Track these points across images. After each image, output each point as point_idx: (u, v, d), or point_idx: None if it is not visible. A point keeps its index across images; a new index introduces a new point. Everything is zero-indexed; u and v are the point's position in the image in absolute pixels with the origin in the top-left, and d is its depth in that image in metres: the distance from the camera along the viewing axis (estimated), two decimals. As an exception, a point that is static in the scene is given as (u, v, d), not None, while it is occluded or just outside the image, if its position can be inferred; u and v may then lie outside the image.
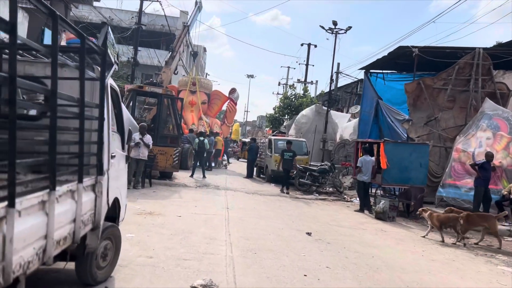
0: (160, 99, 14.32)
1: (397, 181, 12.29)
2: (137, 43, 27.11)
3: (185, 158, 19.45)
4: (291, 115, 28.59)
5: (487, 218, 8.63)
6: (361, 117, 19.28)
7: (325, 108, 23.16)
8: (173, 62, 20.23)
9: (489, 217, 8.68)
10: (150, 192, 11.57)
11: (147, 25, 41.98)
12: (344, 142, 22.37)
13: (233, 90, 25.23)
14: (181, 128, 14.97)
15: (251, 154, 19.51)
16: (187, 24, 22.64)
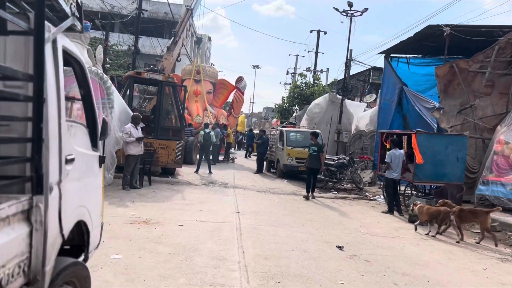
0: (160, 87, 12.80)
1: (431, 178, 10.74)
2: (138, 29, 25.48)
3: (190, 152, 18.00)
4: (302, 105, 26.97)
5: (479, 213, 7.95)
6: (380, 105, 17.66)
7: (339, 96, 21.53)
8: (176, 48, 18.66)
9: (480, 212, 7.99)
10: (149, 192, 10.11)
11: (150, 12, 40.46)
12: (360, 133, 20.78)
13: (240, 79, 23.63)
14: (184, 119, 13.47)
15: (261, 148, 17.99)
16: (191, 7, 21.03)
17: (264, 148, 17.95)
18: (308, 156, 12.35)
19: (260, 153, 18.15)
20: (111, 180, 10.81)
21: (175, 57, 18.76)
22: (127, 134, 10.34)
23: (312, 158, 12.06)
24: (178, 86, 13.45)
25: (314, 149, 12.06)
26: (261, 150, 17.98)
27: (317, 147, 12.06)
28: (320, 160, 12.03)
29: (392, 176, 10.38)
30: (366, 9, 20.80)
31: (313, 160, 12.03)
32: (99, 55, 18.44)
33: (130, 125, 10.49)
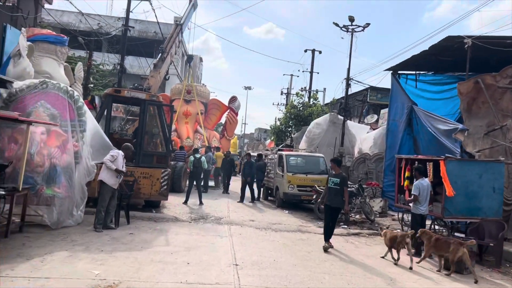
0: (143, 107, 11.07)
1: (464, 213, 9.04)
2: (125, 46, 23.94)
3: (179, 179, 16.21)
4: (299, 126, 25.37)
5: (452, 244, 7.34)
6: (389, 127, 16.09)
7: (340, 117, 19.97)
8: (163, 65, 17.05)
9: (454, 243, 7.35)
10: (126, 235, 8.24)
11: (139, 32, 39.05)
12: (364, 157, 19.15)
13: (233, 99, 22.03)
14: (170, 144, 11.71)
15: (257, 174, 16.22)
16: (180, 23, 19.53)
17: (261, 173, 16.17)
18: (326, 189, 9.04)
19: (257, 180, 16.36)
20: (81, 218, 8.96)
21: (162, 75, 17.12)
22: (112, 157, 8.70)
23: (332, 193, 8.76)
24: (164, 105, 11.74)
25: (336, 181, 8.76)
26: (258, 176, 16.19)
27: (340, 179, 8.79)
28: (344, 197, 8.83)
29: (420, 211, 8.64)
30: (368, 24, 19.47)
31: (334, 196, 8.75)
32: (78, 73, 16.73)
33: (121, 152, 8.98)
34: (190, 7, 21.09)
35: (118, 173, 8.73)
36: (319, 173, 14.87)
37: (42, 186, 8.43)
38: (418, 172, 8.97)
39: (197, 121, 21.53)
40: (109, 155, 8.80)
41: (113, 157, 8.72)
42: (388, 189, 15.85)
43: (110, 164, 8.60)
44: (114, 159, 8.72)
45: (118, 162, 8.79)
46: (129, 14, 23.95)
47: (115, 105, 25.00)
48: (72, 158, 8.92)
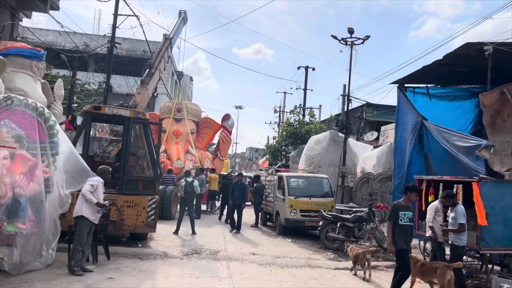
0: (127, 126, 9.70)
1: (504, 244, 7.74)
2: (111, 63, 22.69)
3: (168, 205, 14.75)
4: (296, 144, 24.12)
5: (438, 268, 6.86)
6: (396, 144, 14.89)
7: (341, 135, 18.77)
8: (151, 81, 15.77)
9: (440, 267, 6.87)
10: (104, 280, 6.77)
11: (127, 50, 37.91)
12: (368, 177, 17.91)
13: (226, 117, 20.73)
14: (159, 167, 10.32)
15: (255, 197, 14.83)
16: (169, 37, 18.36)
17: (259, 197, 14.76)
18: (394, 228, 6.66)
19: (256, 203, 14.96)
20: (52, 258, 7.49)
21: (150, 92, 15.81)
22: (92, 187, 7.31)
23: (409, 231, 6.70)
24: (151, 124, 10.38)
25: (410, 216, 6.69)
26: (256, 199, 14.79)
27: (413, 213, 6.98)
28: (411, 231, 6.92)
29: (463, 243, 7.30)
30: (368, 36, 18.49)
31: (410, 235, 6.79)
32: (58, 91, 15.33)
33: (100, 178, 7.61)
34: (179, 20, 19.99)
35: (99, 207, 7.33)
36: (324, 196, 13.55)
37: (2, 222, 6.98)
38: (450, 198, 7.65)
39: (188, 141, 20.16)
40: (88, 184, 7.37)
41: (93, 187, 7.33)
42: (398, 212, 14.56)
43: (90, 197, 7.18)
44: (94, 189, 7.33)
45: (98, 192, 7.41)
46: (115, 30, 22.83)
47: (100, 125, 23.71)
48: (42, 186, 7.50)
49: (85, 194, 7.21)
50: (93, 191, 7.28)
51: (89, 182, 7.43)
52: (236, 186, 13.63)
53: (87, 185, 7.33)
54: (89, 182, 7.43)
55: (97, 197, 7.34)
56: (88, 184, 7.37)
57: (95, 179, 7.51)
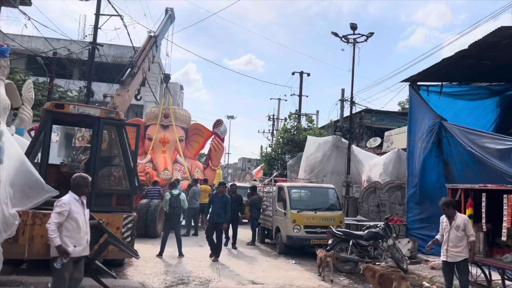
0: (97, 128, 7.91)
1: None
2: (92, 67, 20.93)
3: (152, 221, 12.97)
4: (294, 152, 22.40)
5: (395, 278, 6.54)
6: (409, 149, 13.25)
7: (345, 141, 17.12)
8: (133, 82, 14.02)
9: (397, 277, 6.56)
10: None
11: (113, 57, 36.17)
12: (374, 186, 16.23)
13: (218, 123, 18.99)
14: (137, 178, 8.53)
15: (251, 211, 13.07)
16: (155, 35, 16.68)
17: (256, 210, 13.01)
18: None
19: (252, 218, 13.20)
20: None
21: (132, 93, 14.06)
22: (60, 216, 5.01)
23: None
24: (127, 125, 8.61)
25: None
26: (253, 213, 13.04)
27: None
28: None
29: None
30: (372, 33, 16.97)
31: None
32: (27, 93, 13.57)
33: (73, 195, 5.25)
34: (166, 18, 18.32)
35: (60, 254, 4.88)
36: (331, 209, 11.86)
37: None
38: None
39: (176, 149, 18.40)
40: (53, 213, 5.03)
41: (61, 215, 5.00)
42: (414, 225, 12.88)
43: (52, 236, 4.91)
44: (64, 217, 5.01)
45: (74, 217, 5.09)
46: (97, 30, 21.09)
47: (81, 133, 21.85)
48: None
49: (48, 230, 4.95)
50: (62, 220, 4.98)
51: (55, 209, 5.07)
52: (216, 199, 10.51)
53: (52, 215, 5.03)
54: (56, 209, 5.06)
55: (73, 226, 5.09)
56: (54, 213, 5.02)
57: (63, 201, 5.09)
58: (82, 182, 5.33)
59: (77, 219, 5.11)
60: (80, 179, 5.35)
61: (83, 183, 5.34)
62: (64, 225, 5.03)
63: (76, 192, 5.25)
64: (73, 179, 5.36)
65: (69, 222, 5.06)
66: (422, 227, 12.50)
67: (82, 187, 5.32)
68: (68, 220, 5.05)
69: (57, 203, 5.09)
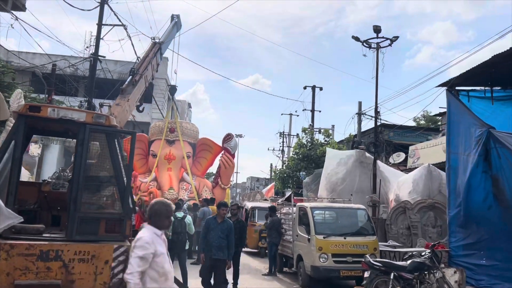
0: (82, 135, 6.35)
1: None
2: (93, 80, 19.64)
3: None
4: (310, 169, 20.70)
5: None
6: (450, 163, 11.51)
7: (369, 155, 15.43)
8: (135, 91, 12.52)
9: None
10: None
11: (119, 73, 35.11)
12: (404, 206, 14.43)
13: (228, 137, 17.46)
14: (130, 196, 6.88)
15: (271, 235, 11.36)
16: (159, 41, 15.32)
17: (276, 234, 11.31)
18: None
19: (271, 243, 11.47)
20: None
21: (133, 104, 12.54)
22: (143, 262, 3.62)
23: None
24: (119, 132, 7.03)
25: None
26: (272, 238, 11.33)
27: None
28: None
29: None
30: (397, 37, 15.46)
31: None
32: (15, 103, 12.15)
33: (150, 232, 3.72)
34: (172, 25, 17.02)
35: None
36: (362, 234, 10.14)
37: None
38: None
39: (183, 166, 16.84)
40: (135, 257, 3.54)
41: (144, 260, 3.52)
42: (458, 252, 11.04)
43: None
44: (148, 263, 3.52)
45: (160, 261, 3.62)
46: (99, 41, 19.89)
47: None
48: None
49: (128, 284, 3.47)
50: (146, 268, 3.53)
51: (136, 250, 3.54)
52: (214, 225, 7.70)
53: (132, 261, 3.56)
54: (136, 251, 3.53)
55: (159, 275, 3.58)
56: (134, 258, 3.53)
57: (145, 240, 3.55)
58: (164, 211, 3.84)
59: (163, 264, 3.63)
60: (162, 206, 3.87)
61: (165, 212, 3.84)
62: (147, 274, 3.53)
63: (157, 226, 3.74)
64: (152, 207, 3.91)
65: (154, 269, 3.58)
66: (469, 255, 10.66)
67: (164, 218, 3.83)
68: (154, 267, 3.57)
69: (138, 243, 3.54)
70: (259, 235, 14.92)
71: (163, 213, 3.81)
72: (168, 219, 3.89)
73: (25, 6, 14.52)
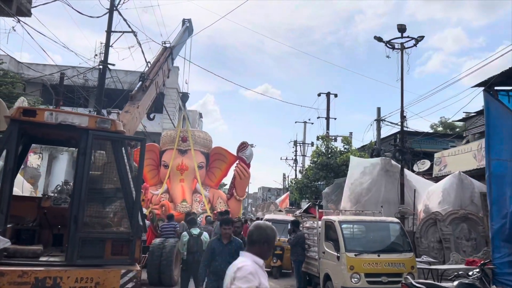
0: (84, 142, 5.52)
1: None
2: (103, 88, 18.99)
3: (168, 266, 10.40)
4: (329, 178, 19.66)
5: None
6: (491, 170, 10.44)
7: (396, 164, 14.40)
8: (145, 97, 11.77)
9: None
10: None
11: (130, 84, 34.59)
12: (435, 218, 13.36)
13: (243, 146, 16.56)
14: (140, 213, 5.99)
15: (296, 252, 10.36)
16: (171, 45, 14.59)
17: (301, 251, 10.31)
18: None
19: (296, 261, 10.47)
20: None
21: (143, 111, 11.79)
22: None
23: None
24: (126, 138, 6.20)
25: None
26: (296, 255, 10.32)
27: None
28: None
29: None
30: (422, 37, 14.50)
31: None
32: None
33: (253, 262, 2.91)
34: (183, 29, 16.31)
35: None
36: (397, 251, 9.07)
37: None
38: None
39: (196, 177, 15.98)
40: None
41: None
42: (503, 269, 9.91)
43: None
44: None
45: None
46: (108, 48, 19.27)
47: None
48: None
49: None
50: None
51: (237, 282, 2.78)
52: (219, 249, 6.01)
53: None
54: (239, 283, 2.77)
55: None
56: None
57: (249, 270, 2.82)
58: (272, 237, 3.08)
59: None
60: (273, 232, 3.11)
61: (272, 238, 3.08)
62: None
63: (260, 254, 2.99)
64: (263, 231, 3.06)
65: None
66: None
67: (272, 246, 3.07)
68: None
69: (239, 273, 2.89)
70: (273, 251, 13.68)
71: (272, 241, 3.05)
72: (268, 245, 3.07)
73: (30, 12, 13.84)
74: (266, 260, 3.08)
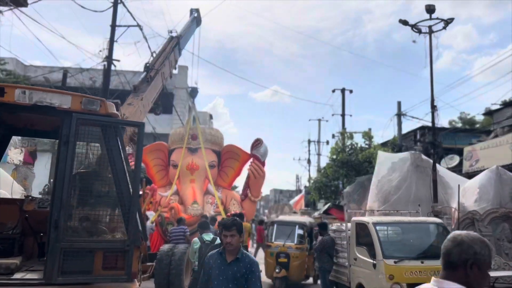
0: (67, 128, 4.38)
1: None
2: (108, 85, 18.01)
3: (177, 275, 9.29)
4: (350, 177, 18.35)
5: None
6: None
7: (427, 159, 13.11)
8: (149, 89, 10.69)
9: None
10: None
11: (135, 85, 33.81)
12: (472, 217, 12.00)
13: (258, 143, 15.33)
14: (139, 217, 4.84)
15: (322, 259, 9.13)
16: (178, 35, 13.48)
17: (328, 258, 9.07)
18: None
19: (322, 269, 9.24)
20: None
21: (147, 103, 10.70)
22: None
23: None
24: (121, 123, 5.05)
25: None
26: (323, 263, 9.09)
27: None
28: None
29: None
30: (452, 19, 13.17)
31: None
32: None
33: None
34: (191, 19, 15.20)
35: None
36: (442, 256, 7.76)
37: None
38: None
39: (207, 177, 14.85)
40: None
41: None
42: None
43: None
44: None
45: None
46: (113, 43, 18.32)
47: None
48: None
49: None
50: None
51: None
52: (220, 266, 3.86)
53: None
54: None
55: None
56: None
57: None
58: (486, 256, 2.01)
59: None
60: (480, 247, 1.96)
61: (486, 257, 2.02)
62: None
63: (468, 284, 1.94)
64: (454, 246, 1.96)
65: None
66: None
67: (484, 268, 1.99)
68: None
69: None
70: (276, 259, 11.29)
71: (485, 262, 1.95)
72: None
73: (26, 2, 12.93)
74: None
